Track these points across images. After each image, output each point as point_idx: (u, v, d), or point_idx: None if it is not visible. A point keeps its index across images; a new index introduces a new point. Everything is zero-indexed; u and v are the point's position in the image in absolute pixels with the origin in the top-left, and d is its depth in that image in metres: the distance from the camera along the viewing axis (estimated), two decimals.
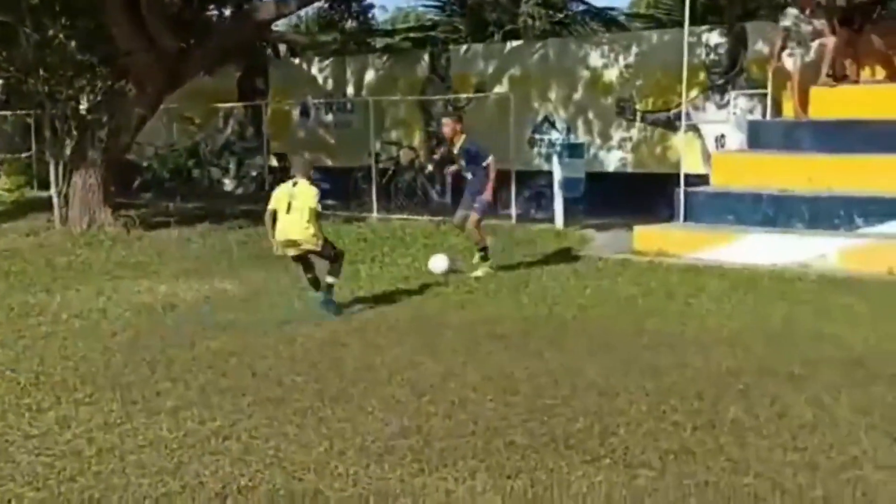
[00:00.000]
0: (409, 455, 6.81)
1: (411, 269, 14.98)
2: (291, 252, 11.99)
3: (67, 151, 21.73)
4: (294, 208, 11.70)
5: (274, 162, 27.31)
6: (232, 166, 29.71)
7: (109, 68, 22.02)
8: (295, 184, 11.93)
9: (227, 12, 25.13)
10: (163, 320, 11.62)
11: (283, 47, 32.03)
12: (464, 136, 14.99)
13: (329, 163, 26.87)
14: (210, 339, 10.44)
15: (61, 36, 20.97)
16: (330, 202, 24.68)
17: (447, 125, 15.21)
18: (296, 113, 28.13)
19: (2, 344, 10.41)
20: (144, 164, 25.24)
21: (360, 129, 25.31)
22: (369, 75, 26.75)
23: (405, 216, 21.87)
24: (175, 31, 21.06)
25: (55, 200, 21.27)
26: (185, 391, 8.47)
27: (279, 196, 11.91)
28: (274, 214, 11.84)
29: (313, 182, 12.07)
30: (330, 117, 27.43)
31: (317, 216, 11.82)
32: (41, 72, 21.34)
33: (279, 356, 9.72)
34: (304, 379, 8.83)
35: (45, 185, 25.72)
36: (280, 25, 26.01)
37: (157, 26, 20.16)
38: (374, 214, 22.18)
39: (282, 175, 26.84)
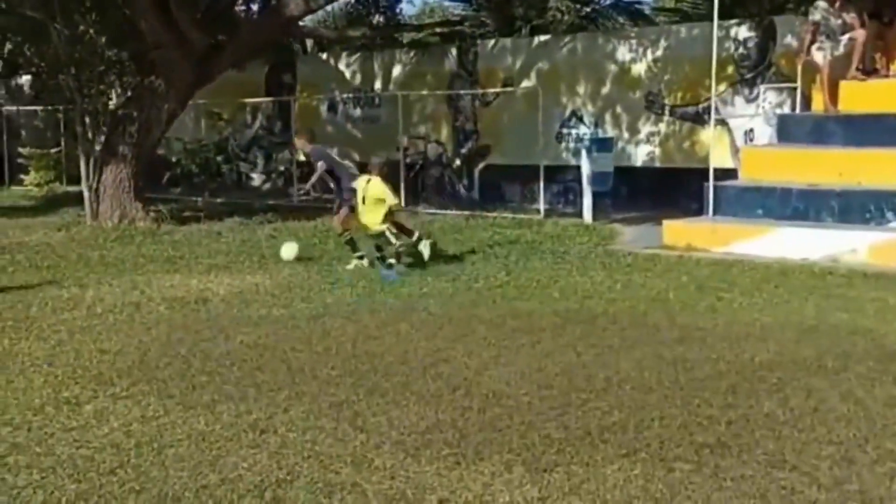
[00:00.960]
0: (446, 449, 6.85)
1: (441, 263, 15.01)
2: (359, 233, 14.76)
3: (97, 147, 21.86)
4: (367, 200, 14.20)
5: (301, 157, 27.39)
6: (260, 161, 29.88)
7: (139, 64, 22.15)
8: (369, 181, 14.29)
9: (256, 7, 25.25)
10: (196, 314, 11.68)
11: (310, 42, 32.13)
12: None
13: (356, 157, 26.93)
14: (244, 333, 10.50)
15: (91, 31, 21.12)
16: None
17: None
18: (323, 108, 28.23)
19: (38, 337, 10.48)
20: (173, 158, 25.34)
21: (388, 124, 25.39)
22: (397, 70, 26.83)
23: (433, 210, 21.91)
24: (204, 27, 21.18)
25: (86, 195, 21.41)
26: (221, 385, 8.52)
27: (358, 189, 14.42)
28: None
29: (385, 179, 14.43)
30: (357, 112, 27.53)
31: (385, 206, 14.21)
32: (71, 67, 21.48)
33: (313, 350, 9.76)
34: (338, 373, 8.87)
35: (73, 181, 25.93)
36: (308, 21, 26.01)
37: (187, 22, 20.27)
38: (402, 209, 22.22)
39: (308, 170, 27.06)
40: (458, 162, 25.43)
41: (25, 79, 33.04)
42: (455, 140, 25.58)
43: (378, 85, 27.31)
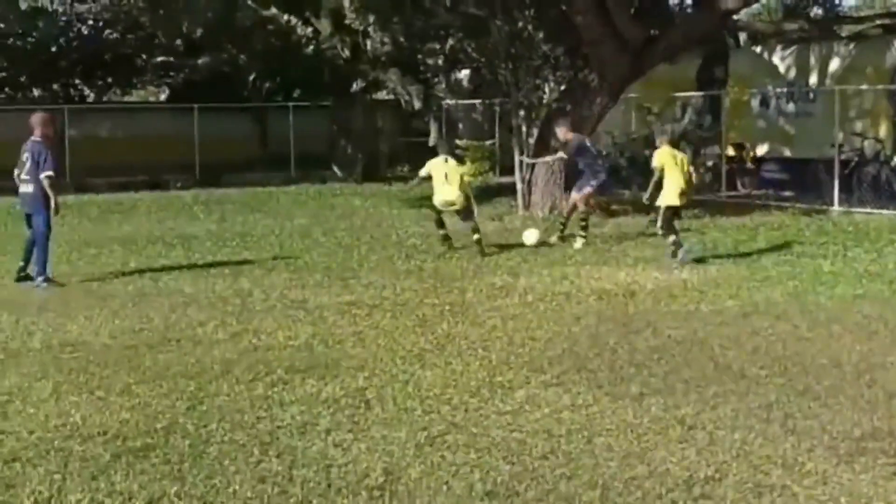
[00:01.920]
0: (882, 457, 6.58)
1: (876, 265, 14.40)
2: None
3: (531, 139, 22.47)
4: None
5: (731, 152, 27.02)
6: (688, 156, 29.64)
7: (573, 59, 22.60)
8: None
9: (690, 1, 25.12)
10: (624, 307, 11.79)
11: (743, 36, 31.58)
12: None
13: (788, 153, 26.32)
14: (672, 327, 10.51)
15: (529, 27, 21.75)
16: (787, 193, 24.24)
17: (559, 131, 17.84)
18: (755, 102, 27.69)
19: (473, 323, 10.94)
20: (603, 152, 25.64)
21: (823, 119, 24.55)
22: (834, 64, 25.90)
23: (868, 210, 21.03)
24: (638, 22, 21.31)
25: (519, 186, 22.07)
26: (648, 378, 8.58)
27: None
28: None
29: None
30: (791, 107, 26.79)
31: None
32: (509, 62, 22.21)
33: (742, 348, 9.64)
34: (767, 372, 8.71)
35: (506, 172, 26.79)
36: (742, 14, 25.66)
37: (622, 16, 20.48)
38: (836, 207, 21.47)
39: (739, 164, 26.66)
40: None
41: (464, 73, 34.46)
42: (895, 137, 24.41)
43: (813, 79, 26.48)
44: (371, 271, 14.61)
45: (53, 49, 37.54)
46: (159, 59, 38.04)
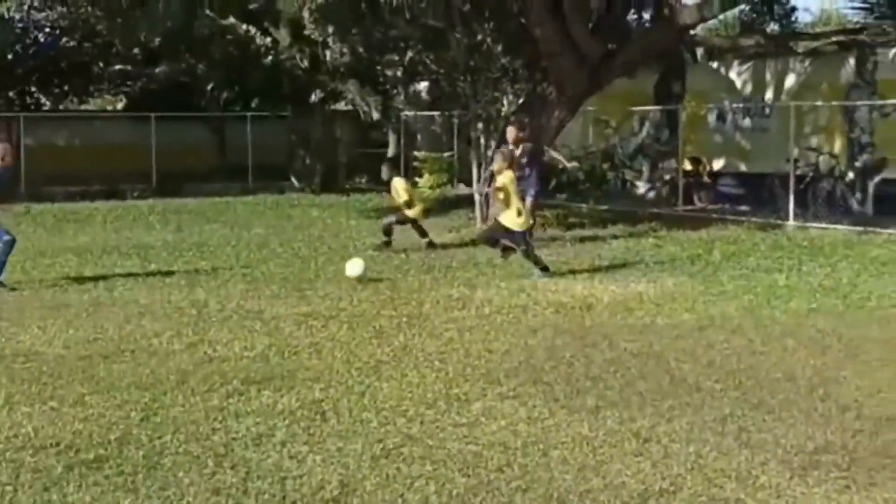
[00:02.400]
0: (835, 471, 6.63)
1: (830, 279, 14.53)
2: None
3: (489, 151, 22.49)
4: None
5: (688, 166, 27.17)
6: (645, 169, 29.83)
7: (531, 71, 22.65)
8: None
9: (647, 16, 25.27)
10: (581, 320, 11.82)
11: (700, 50, 31.79)
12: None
13: (744, 168, 26.51)
14: (628, 340, 10.55)
15: (488, 40, 21.79)
16: (743, 208, 24.41)
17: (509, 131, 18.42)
18: (712, 117, 27.89)
19: (430, 334, 10.93)
20: (559, 166, 25.69)
21: (779, 135, 24.74)
22: (790, 79, 26.11)
23: (823, 225, 21.21)
24: (597, 35, 21.40)
25: (476, 199, 22.10)
26: (604, 391, 8.60)
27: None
28: None
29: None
30: (747, 122, 26.99)
31: None
32: (467, 74, 22.25)
33: (697, 361, 9.69)
34: (722, 386, 8.76)
35: (465, 183, 26.82)
36: (700, 29, 25.81)
37: (580, 30, 20.56)
38: (791, 222, 21.64)
39: (696, 178, 26.82)
40: (851, 175, 24.46)
41: (423, 85, 34.46)
42: (849, 152, 24.63)
43: (769, 94, 26.68)
44: (328, 282, 14.57)
45: (9, 56, 37.25)
46: (117, 67, 37.86)
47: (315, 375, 9.09)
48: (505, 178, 15.03)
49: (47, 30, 38.02)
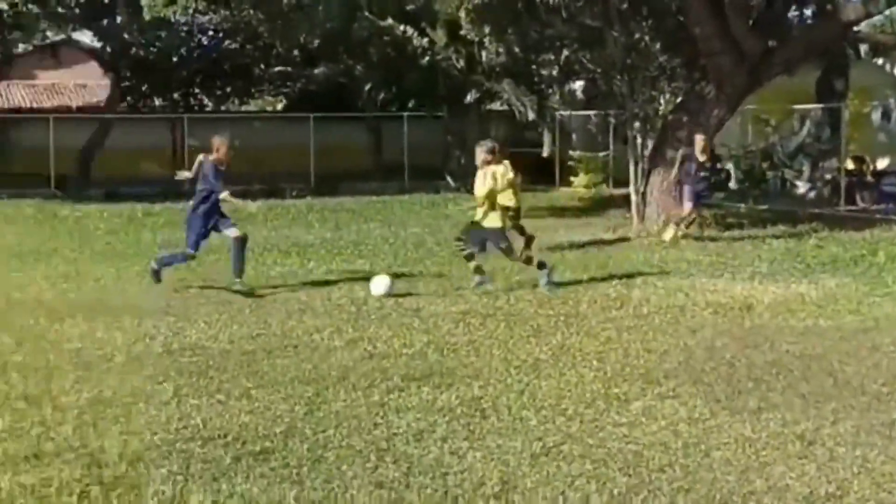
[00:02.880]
0: None
1: None
2: None
3: (646, 151, 22.33)
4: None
5: (850, 165, 26.56)
6: (805, 169, 29.23)
7: (689, 70, 22.41)
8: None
9: (809, 12, 24.77)
10: (740, 321, 11.66)
11: (864, 47, 31.05)
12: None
13: None
14: (790, 342, 10.37)
15: (646, 38, 21.62)
16: None
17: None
18: (876, 115, 27.21)
19: (588, 334, 10.91)
20: (717, 165, 25.38)
21: None
22: None
23: None
24: (757, 33, 21.07)
25: (633, 198, 21.94)
26: (766, 393, 8.47)
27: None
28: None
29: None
30: None
31: None
32: (624, 73, 22.11)
33: (862, 363, 9.47)
34: (889, 389, 8.55)
35: (619, 184, 26.67)
36: (864, 25, 25.19)
37: (741, 28, 20.27)
38: None
39: (858, 177, 26.19)
40: None
41: (578, 84, 34.37)
42: None
43: None
44: None
45: (174, 59, 38.36)
46: (277, 69, 38.64)
47: (474, 373, 9.15)
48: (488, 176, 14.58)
49: (210, 33, 39.03)
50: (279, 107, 47.28)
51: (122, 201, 28.59)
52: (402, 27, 30.20)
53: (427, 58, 31.69)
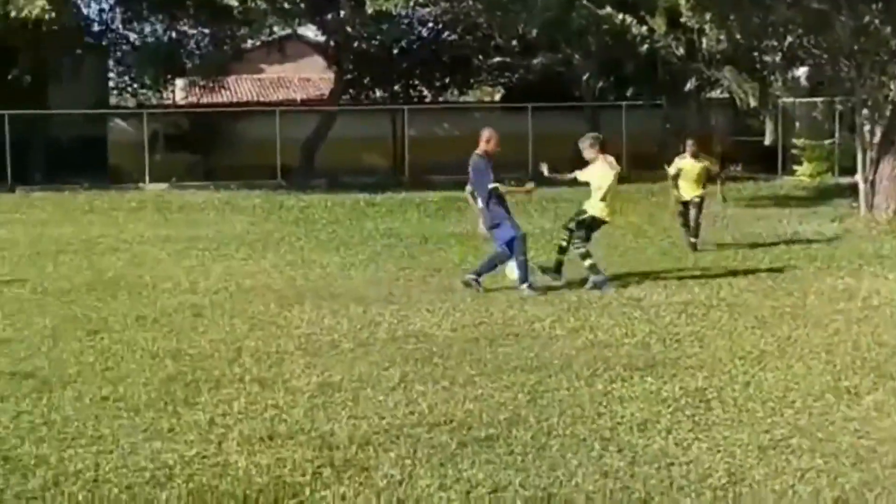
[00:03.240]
0: None
1: None
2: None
3: (875, 138, 21.61)
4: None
5: None
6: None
7: None
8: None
9: None
10: None
11: None
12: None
13: None
14: None
15: (876, 21, 20.91)
16: None
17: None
18: None
19: (815, 325, 10.64)
20: None
21: None
22: None
23: None
24: None
25: (861, 187, 21.29)
26: None
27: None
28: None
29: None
30: None
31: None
32: (852, 58, 21.44)
33: None
34: None
35: (845, 172, 25.89)
36: None
37: None
38: None
39: None
40: None
41: (802, 70, 33.43)
42: None
43: None
44: (706, 270, 14.45)
45: (395, 51, 39.02)
46: (495, 59, 38.82)
47: (698, 363, 9.04)
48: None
49: (430, 25, 39.53)
50: (497, 97, 47.57)
51: (344, 191, 29.27)
52: (620, 15, 29.97)
53: (646, 46, 31.36)
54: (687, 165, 17.01)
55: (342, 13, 35.48)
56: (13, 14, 29.37)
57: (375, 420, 7.45)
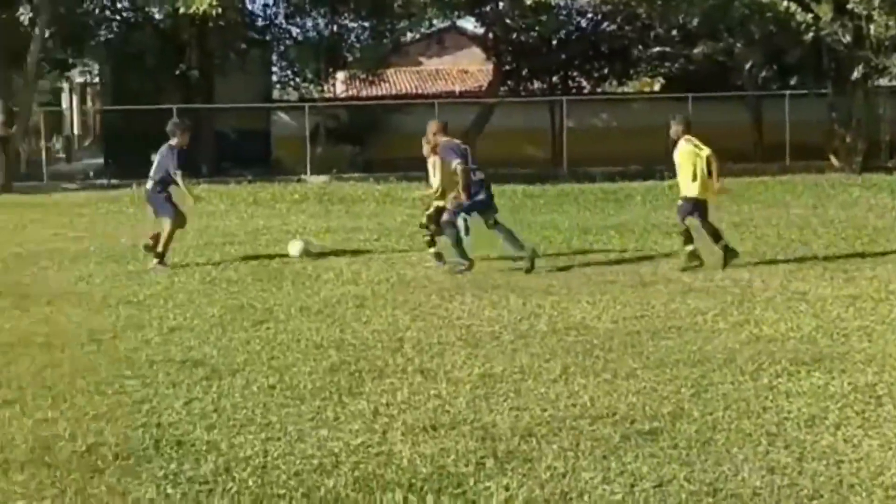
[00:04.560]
0: None
1: None
2: None
3: None
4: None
5: None
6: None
7: None
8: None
9: None
10: None
11: None
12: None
13: None
14: None
15: None
16: None
17: None
18: None
19: None
20: None
21: None
22: None
23: None
24: None
25: None
26: None
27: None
28: None
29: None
30: None
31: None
32: None
33: None
34: None
35: None
36: None
37: None
38: None
39: None
40: None
41: None
42: None
43: None
44: (875, 264, 14.06)
45: (553, 42, 38.94)
46: (655, 49, 38.43)
47: (867, 358, 8.81)
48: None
49: (589, 15, 39.34)
50: (656, 87, 47.08)
51: (502, 182, 29.28)
52: (784, 3, 29.41)
53: (811, 33, 30.73)
54: None
55: (501, 5, 35.59)
56: (182, 10, 30.16)
57: (537, 412, 7.44)
